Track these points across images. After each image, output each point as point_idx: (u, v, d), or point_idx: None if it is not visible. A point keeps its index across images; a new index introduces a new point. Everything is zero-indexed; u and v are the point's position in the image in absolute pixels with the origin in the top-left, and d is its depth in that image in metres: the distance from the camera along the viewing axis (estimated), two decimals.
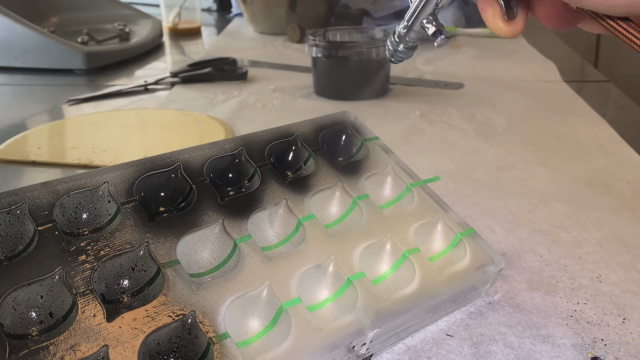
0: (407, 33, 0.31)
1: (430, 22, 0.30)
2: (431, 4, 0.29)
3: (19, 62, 0.98)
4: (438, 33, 0.30)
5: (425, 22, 0.30)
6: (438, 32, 0.30)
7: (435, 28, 0.30)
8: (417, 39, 0.32)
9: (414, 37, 0.32)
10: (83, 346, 0.26)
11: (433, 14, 0.30)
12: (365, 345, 0.31)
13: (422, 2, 0.29)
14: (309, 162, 0.40)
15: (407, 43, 0.32)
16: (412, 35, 0.31)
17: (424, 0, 0.29)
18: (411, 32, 0.31)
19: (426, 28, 0.30)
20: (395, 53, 0.33)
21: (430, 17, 0.30)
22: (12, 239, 0.30)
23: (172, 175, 0.35)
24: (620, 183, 0.53)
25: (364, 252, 0.34)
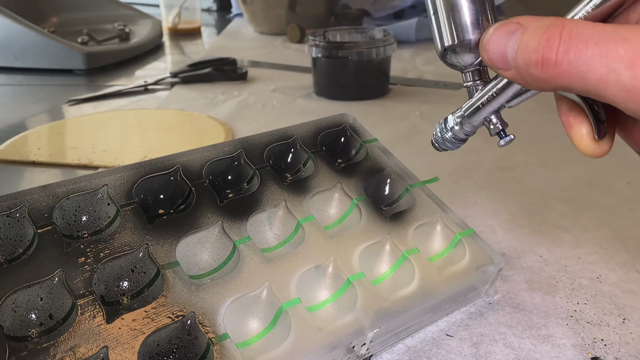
0: (462, 124, 0.28)
1: (495, 120, 0.27)
2: (500, 100, 0.26)
3: (18, 62, 0.98)
4: (503, 133, 0.27)
5: (487, 118, 0.27)
6: (503, 132, 0.27)
7: (501, 127, 0.27)
8: (472, 132, 0.28)
9: (469, 130, 0.28)
10: (83, 347, 0.26)
11: (498, 111, 0.27)
12: (365, 345, 0.31)
13: (488, 96, 0.26)
14: (308, 164, 0.40)
15: (459, 135, 0.29)
16: (467, 129, 0.28)
17: (490, 94, 0.26)
18: (467, 125, 0.28)
19: (489, 125, 0.27)
20: (443, 141, 0.30)
21: (495, 115, 0.27)
22: (11, 241, 0.30)
23: (171, 178, 0.35)
24: (620, 183, 0.53)
25: (364, 252, 0.34)
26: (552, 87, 0.21)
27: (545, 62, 0.21)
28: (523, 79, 0.22)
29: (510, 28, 0.22)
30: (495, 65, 0.23)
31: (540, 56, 0.21)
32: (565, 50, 0.20)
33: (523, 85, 0.23)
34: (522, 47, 0.21)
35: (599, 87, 0.20)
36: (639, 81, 0.19)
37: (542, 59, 0.21)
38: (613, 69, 0.19)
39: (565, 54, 0.20)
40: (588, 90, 0.20)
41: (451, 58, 0.26)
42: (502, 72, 0.23)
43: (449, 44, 0.26)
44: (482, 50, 0.23)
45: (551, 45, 0.21)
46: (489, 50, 0.23)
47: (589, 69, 0.20)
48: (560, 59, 0.20)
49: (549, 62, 0.21)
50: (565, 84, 0.21)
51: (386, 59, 0.80)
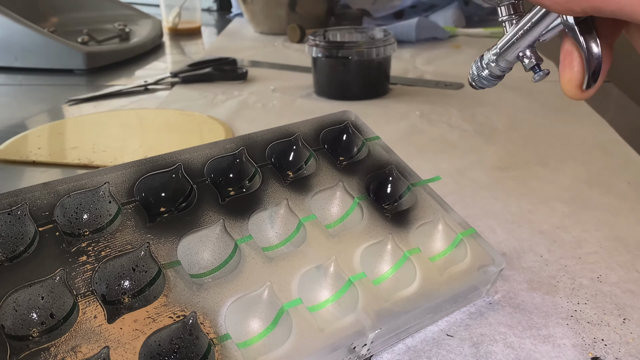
0: (497, 61, 0.28)
1: (529, 54, 0.27)
2: (534, 33, 0.26)
3: (19, 62, 0.98)
4: (537, 67, 0.27)
5: (522, 53, 0.27)
6: (537, 66, 0.27)
7: (535, 62, 0.27)
8: (508, 68, 0.28)
9: (505, 66, 0.28)
10: (84, 347, 0.26)
11: (533, 45, 0.27)
12: (366, 346, 0.31)
13: (522, 30, 0.26)
14: (309, 162, 0.40)
15: (495, 72, 0.29)
16: (502, 65, 0.28)
17: (525, 28, 0.26)
18: (503, 61, 0.28)
19: (523, 60, 0.27)
20: (479, 79, 0.30)
21: (530, 49, 0.27)
22: (12, 239, 0.30)
23: (172, 176, 0.35)
24: (620, 183, 0.53)
25: (365, 252, 0.34)
26: (584, 7, 0.20)
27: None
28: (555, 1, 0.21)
29: None
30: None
31: None
32: None
33: (554, 9, 0.22)
34: None
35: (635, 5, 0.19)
36: None
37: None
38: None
39: None
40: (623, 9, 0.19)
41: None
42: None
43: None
44: None
45: None
46: None
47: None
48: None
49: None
50: (598, 3, 0.19)
51: (386, 59, 0.80)
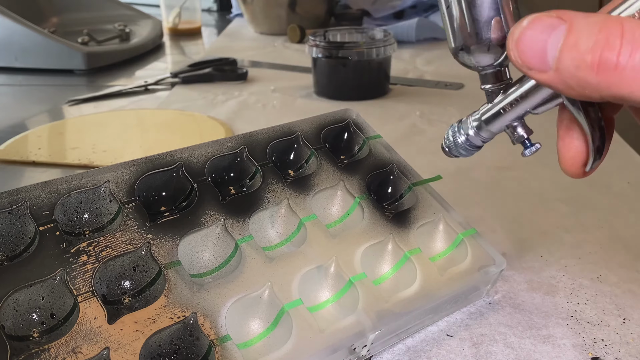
0: (479, 130, 0.25)
1: (519, 127, 0.24)
2: (525, 105, 0.23)
3: (19, 62, 0.98)
4: (528, 142, 0.24)
5: (511, 126, 0.24)
6: (528, 140, 0.24)
7: (525, 135, 0.24)
8: (490, 138, 0.26)
9: (487, 137, 0.26)
10: (84, 348, 0.26)
11: (522, 118, 0.24)
12: (366, 346, 0.31)
13: (511, 101, 0.23)
14: (310, 160, 0.40)
15: (475, 142, 0.26)
16: (484, 135, 0.25)
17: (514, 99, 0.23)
18: (485, 132, 0.25)
19: (511, 133, 0.24)
20: (456, 147, 0.27)
21: (519, 121, 0.24)
22: (12, 239, 0.30)
23: (173, 174, 0.35)
24: (620, 183, 0.53)
25: (366, 252, 0.34)
26: (604, 95, 0.18)
27: (603, 64, 0.18)
28: (565, 84, 0.19)
29: (550, 22, 0.19)
30: (528, 65, 0.19)
31: (597, 57, 0.18)
32: (629, 52, 0.17)
33: (562, 92, 0.20)
34: (570, 46, 0.18)
35: None
36: None
37: (600, 61, 0.18)
38: None
39: (630, 56, 0.17)
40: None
41: (466, 58, 0.24)
42: (536, 74, 0.19)
43: (462, 42, 0.23)
44: (511, 48, 0.20)
45: (612, 45, 0.17)
46: (522, 48, 0.19)
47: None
48: (623, 61, 0.17)
49: (608, 65, 0.17)
50: (625, 93, 0.18)
51: (386, 59, 0.80)
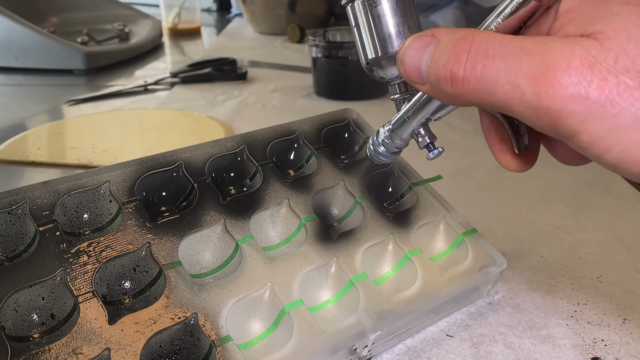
0: (392, 138, 0.28)
1: (422, 133, 0.26)
2: (426, 111, 0.25)
3: (18, 62, 0.98)
4: (431, 146, 0.26)
5: (416, 131, 0.26)
6: (431, 144, 0.26)
7: (429, 140, 0.26)
8: (403, 145, 0.28)
9: (401, 143, 0.28)
10: (85, 349, 0.26)
11: (426, 123, 0.26)
12: (367, 347, 0.31)
13: (414, 108, 0.25)
14: (310, 160, 0.40)
15: (391, 148, 0.28)
16: (397, 142, 0.28)
17: (415, 107, 0.25)
18: (397, 139, 0.27)
19: (417, 138, 0.26)
20: (376, 154, 0.29)
21: (422, 127, 0.26)
22: (12, 239, 0.30)
23: (173, 174, 0.35)
24: (620, 183, 0.53)
25: (366, 252, 0.34)
26: (465, 103, 0.21)
27: (454, 78, 0.20)
28: (437, 94, 0.22)
29: (424, 41, 0.21)
30: (412, 79, 0.22)
31: (449, 72, 0.20)
32: (472, 65, 0.19)
33: (438, 100, 0.23)
34: (433, 62, 0.21)
35: (506, 103, 0.19)
36: (541, 98, 0.18)
37: (451, 75, 0.20)
38: (517, 84, 0.19)
39: (472, 69, 0.19)
40: (496, 106, 0.20)
41: (376, 71, 0.26)
42: (419, 86, 0.22)
43: (372, 57, 0.25)
44: (399, 64, 0.23)
45: (459, 61, 0.20)
46: (405, 63, 0.22)
47: (495, 85, 0.19)
48: (467, 75, 0.20)
49: (457, 79, 0.20)
50: (475, 101, 0.20)
51: None
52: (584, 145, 0.19)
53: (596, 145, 0.18)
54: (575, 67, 0.18)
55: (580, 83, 0.18)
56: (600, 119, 0.18)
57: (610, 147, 0.18)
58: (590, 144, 0.18)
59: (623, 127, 0.18)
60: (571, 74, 0.18)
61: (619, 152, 0.18)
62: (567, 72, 0.18)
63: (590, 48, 0.18)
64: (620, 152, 0.18)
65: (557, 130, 0.19)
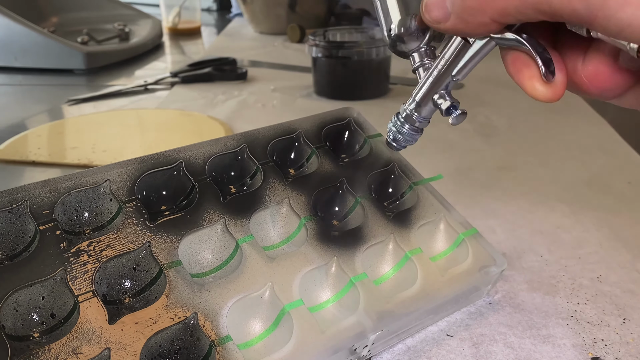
0: (415, 111, 0.28)
1: (444, 97, 0.27)
2: (446, 76, 0.26)
3: (18, 62, 0.98)
4: (452, 109, 0.26)
5: (437, 97, 0.27)
6: (452, 107, 0.26)
7: (450, 102, 0.26)
8: (426, 118, 0.28)
9: (424, 115, 0.28)
10: (85, 348, 0.26)
11: (447, 89, 0.26)
12: (367, 347, 0.31)
13: (434, 74, 0.26)
14: (311, 159, 0.40)
15: (414, 123, 0.28)
16: (422, 114, 0.28)
17: (436, 73, 0.26)
18: (421, 110, 0.28)
19: (439, 104, 0.27)
20: (399, 135, 0.29)
21: (443, 92, 0.26)
22: (13, 238, 0.30)
23: (174, 173, 0.35)
24: (620, 183, 0.53)
25: (367, 252, 0.34)
26: (491, 15, 0.20)
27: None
28: (463, 20, 0.21)
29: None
30: (436, 19, 0.22)
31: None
32: None
33: (465, 33, 0.23)
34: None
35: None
36: None
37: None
38: None
39: None
40: (529, 3, 0.19)
41: (398, 42, 0.27)
42: (443, 25, 0.22)
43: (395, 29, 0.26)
44: (423, 12, 0.23)
45: None
46: (429, 7, 0.22)
47: None
48: None
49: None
50: (502, 5, 0.20)
51: (386, 59, 0.80)
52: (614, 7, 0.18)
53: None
54: None
55: None
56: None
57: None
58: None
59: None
60: None
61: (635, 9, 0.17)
62: None
63: None
64: None
65: (587, 2, 0.18)
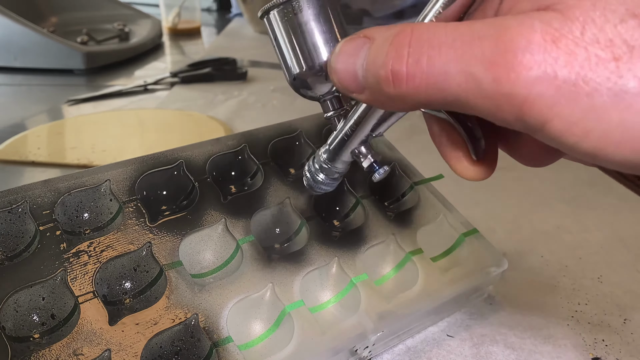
0: (331, 162, 0.24)
1: (365, 152, 0.23)
2: (366, 127, 0.22)
3: (18, 62, 0.98)
4: (376, 165, 0.23)
5: (357, 151, 0.23)
6: (376, 163, 0.23)
7: (371, 160, 0.23)
8: (345, 168, 0.25)
9: (341, 168, 0.24)
10: (85, 350, 0.26)
11: (367, 140, 0.23)
12: (367, 348, 0.31)
13: (352, 124, 0.22)
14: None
15: (331, 174, 0.25)
16: (338, 166, 0.24)
17: (354, 121, 0.22)
18: (337, 162, 0.24)
19: (358, 159, 0.23)
20: (316, 184, 0.26)
21: (363, 145, 0.23)
22: (12, 238, 0.30)
23: (174, 173, 0.35)
24: (621, 183, 0.53)
25: (368, 253, 0.34)
26: (411, 105, 0.18)
27: (396, 76, 0.18)
28: (378, 100, 0.19)
29: (357, 43, 0.19)
30: (347, 88, 0.20)
31: (389, 71, 0.18)
32: (416, 59, 0.17)
33: (380, 108, 0.20)
34: (370, 63, 0.18)
35: (460, 97, 0.17)
36: (501, 84, 0.16)
37: (392, 74, 0.18)
38: (471, 73, 0.16)
39: (417, 63, 0.17)
40: (449, 102, 0.17)
41: (304, 88, 0.23)
42: (357, 95, 0.20)
43: (297, 71, 0.22)
44: (331, 73, 0.20)
45: (400, 56, 0.17)
46: (338, 71, 0.19)
47: (445, 78, 0.17)
48: (411, 70, 0.17)
49: (400, 76, 0.17)
50: (423, 99, 0.18)
51: None
52: (557, 135, 0.16)
53: (570, 133, 0.16)
54: (537, 43, 0.15)
55: (545, 61, 0.15)
56: (572, 100, 0.15)
57: (587, 131, 0.16)
58: (564, 131, 0.16)
59: (600, 106, 0.15)
60: (534, 52, 0.15)
61: (597, 137, 0.16)
62: (528, 50, 0.15)
63: (552, 20, 0.16)
64: (599, 136, 0.15)
65: (522, 121, 0.16)
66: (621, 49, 0.15)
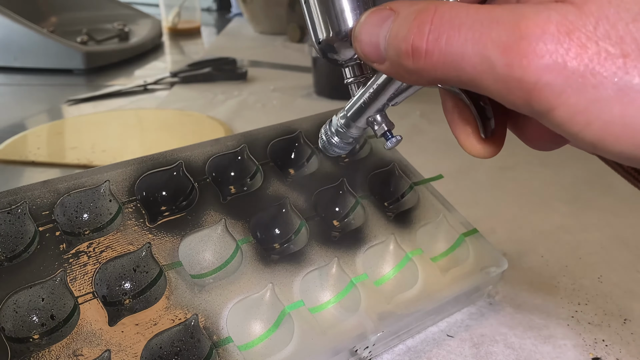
0: (346, 127, 0.25)
1: (379, 120, 0.24)
2: (384, 95, 0.23)
3: (18, 62, 0.98)
4: (388, 134, 0.24)
5: (372, 118, 0.24)
6: (388, 132, 0.24)
7: (386, 128, 0.24)
8: (359, 134, 0.26)
9: (356, 132, 0.26)
10: (85, 350, 0.26)
11: (383, 110, 0.24)
12: (367, 348, 0.31)
13: (371, 91, 0.23)
14: (311, 159, 0.40)
15: (346, 138, 0.26)
16: (353, 131, 0.25)
17: (372, 91, 0.23)
18: (353, 127, 0.25)
19: (373, 126, 0.24)
20: (330, 146, 0.27)
21: (379, 114, 0.24)
22: (12, 239, 0.30)
23: (174, 173, 0.35)
24: (620, 183, 0.53)
25: (367, 253, 0.34)
26: (428, 80, 0.19)
27: (415, 52, 0.18)
28: (397, 73, 0.20)
29: (382, 15, 0.20)
30: (369, 58, 0.20)
31: (410, 45, 0.18)
32: (436, 37, 0.18)
33: (398, 79, 0.21)
34: (392, 36, 0.19)
35: (475, 77, 0.18)
36: (513, 69, 0.17)
37: (413, 49, 0.18)
38: (486, 56, 0.17)
39: (436, 41, 0.18)
40: (463, 81, 0.18)
41: (329, 52, 0.24)
42: (377, 65, 0.20)
43: (324, 36, 0.23)
44: (354, 42, 0.21)
45: (421, 32, 0.18)
46: (362, 40, 0.20)
47: (462, 58, 0.17)
48: (430, 47, 0.18)
49: (420, 52, 0.18)
50: (440, 76, 0.18)
51: None
52: (561, 122, 0.17)
53: (574, 121, 0.17)
54: (552, 34, 0.16)
55: (557, 51, 0.16)
56: (579, 90, 0.16)
57: (590, 122, 0.16)
58: (568, 119, 0.17)
59: (604, 99, 0.16)
60: (547, 42, 0.16)
61: (599, 128, 0.16)
62: (542, 40, 0.16)
63: (568, 13, 0.16)
64: (600, 127, 0.16)
65: (530, 106, 0.17)
66: (630, 46, 0.16)
